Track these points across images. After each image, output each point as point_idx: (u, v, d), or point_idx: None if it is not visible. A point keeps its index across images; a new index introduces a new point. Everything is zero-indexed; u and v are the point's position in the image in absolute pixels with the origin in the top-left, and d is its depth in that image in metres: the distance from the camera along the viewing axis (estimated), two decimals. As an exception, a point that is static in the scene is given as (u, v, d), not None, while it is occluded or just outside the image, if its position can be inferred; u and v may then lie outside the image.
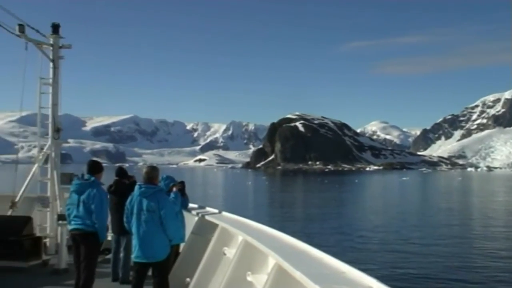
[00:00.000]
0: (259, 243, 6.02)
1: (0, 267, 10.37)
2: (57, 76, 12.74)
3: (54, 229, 12.01)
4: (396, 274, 20.51)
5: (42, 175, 12.71)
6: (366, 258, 23.77)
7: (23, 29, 11.82)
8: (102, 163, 8.62)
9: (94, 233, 7.70)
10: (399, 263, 23.28)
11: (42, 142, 12.85)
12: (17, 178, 12.18)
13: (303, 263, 4.77)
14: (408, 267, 22.27)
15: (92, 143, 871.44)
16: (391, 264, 22.80)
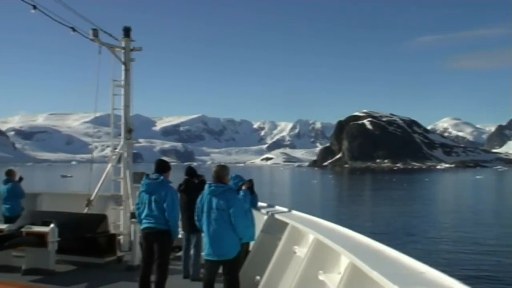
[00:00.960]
0: (332, 242, 5.94)
1: (78, 262, 10.81)
2: (128, 78, 13.08)
3: (127, 227, 12.35)
4: (470, 277, 19.81)
5: (115, 174, 13.08)
6: (438, 259, 23.09)
7: (96, 34, 12.22)
8: (169, 162, 8.78)
9: (166, 231, 7.84)
10: (472, 265, 22.49)
11: (115, 142, 13.22)
12: (92, 177, 12.64)
13: (379, 263, 4.65)
14: (483, 270, 21.46)
15: (161, 143, 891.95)
16: (464, 266, 22.05)
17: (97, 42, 12.31)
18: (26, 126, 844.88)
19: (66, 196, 15.33)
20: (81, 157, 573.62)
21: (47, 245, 10.03)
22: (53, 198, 14.52)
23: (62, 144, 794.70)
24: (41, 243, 10.05)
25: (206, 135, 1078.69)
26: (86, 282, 9.37)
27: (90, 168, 12.99)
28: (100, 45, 12.39)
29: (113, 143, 13.22)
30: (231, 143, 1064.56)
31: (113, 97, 13.10)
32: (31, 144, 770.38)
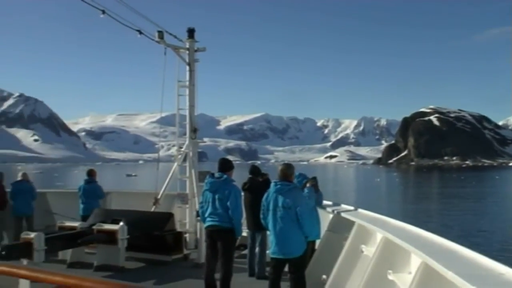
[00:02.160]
0: (401, 241, 5.81)
1: (147, 259, 11.07)
2: (193, 79, 13.27)
3: (193, 225, 12.55)
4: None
5: (181, 173, 13.31)
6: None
7: (162, 36, 12.48)
8: (232, 161, 8.84)
9: (231, 229, 7.89)
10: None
11: (181, 142, 13.45)
12: (158, 176, 12.91)
13: (454, 263, 4.49)
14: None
15: (226, 142, 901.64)
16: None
17: (162, 44, 12.56)
18: (96, 126, 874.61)
19: (134, 195, 15.72)
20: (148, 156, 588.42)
21: (117, 243, 10.32)
22: (122, 196, 14.93)
23: (129, 144, 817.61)
24: (112, 241, 10.35)
25: (270, 133, 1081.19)
26: (154, 279, 9.58)
27: (157, 167, 13.25)
28: (165, 47, 12.64)
29: (178, 143, 13.45)
30: (294, 141, 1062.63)
31: (178, 98, 13.33)
32: (101, 144, 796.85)
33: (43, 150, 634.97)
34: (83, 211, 13.05)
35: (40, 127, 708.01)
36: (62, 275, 3.00)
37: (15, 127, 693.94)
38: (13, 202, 13.23)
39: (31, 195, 13.38)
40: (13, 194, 13.24)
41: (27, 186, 13.47)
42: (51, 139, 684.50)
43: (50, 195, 14.78)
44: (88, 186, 13.32)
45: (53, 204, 14.25)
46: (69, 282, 2.94)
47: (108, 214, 11.68)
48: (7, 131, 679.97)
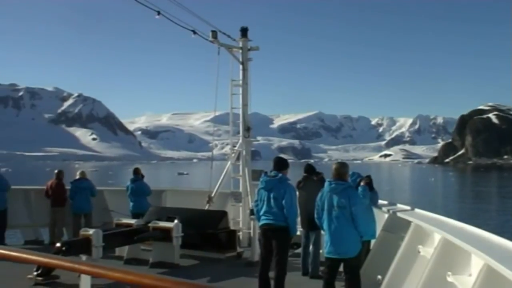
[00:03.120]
0: (461, 242, 5.63)
1: (201, 257, 11.19)
2: (246, 78, 13.31)
3: (246, 223, 12.60)
4: None
5: (235, 172, 13.39)
6: None
7: (215, 35, 12.58)
8: (287, 160, 8.81)
9: (285, 228, 7.85)
10: None
11: (234, 140, 13.53)
12: (212, 175, 13.02)
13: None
14: None
15: (279, 140, 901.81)
16: None
17: (216, 44, 12.65)
18: (151, 125, 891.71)
19: (188, 193, 15.90)
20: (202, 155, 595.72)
21: (172, 240, 10.48)
22: (176, 194, 15.14)
23: (184, 143, 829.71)
24: (167, 238, 10.52)
25: (323, 132, 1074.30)
26: (208, 276, 9.66)
27: (211, 165, 13.36)
28: (219, 46, 12.73)
29: (232, 141, 13.53)
30: (348, 140, 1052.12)
31: (232, 97, 13.41)
32: (156, 142, 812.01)
33: (100, 149, 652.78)
34: (132, 208, 13.33)
35: (98, 126, 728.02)
36: (122, 271, 3.05)
37: (74, 126, 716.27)
38: (72, 200, 13.64)
39: (90, 192, 13.76)
40: (73, 191, 13.64)
41: (86, 184, 13.85)
42: (108, 138, 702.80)
43: (107, 192, 15.14)
44: (134, 184, 13.57)
45: (110, 202, 14.59)
46: (128, 279, 2.99)
47: (163, 212, 11.86)
48: (67, 130, 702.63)
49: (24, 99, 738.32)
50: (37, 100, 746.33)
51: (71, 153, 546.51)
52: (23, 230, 14.46)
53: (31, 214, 14.29)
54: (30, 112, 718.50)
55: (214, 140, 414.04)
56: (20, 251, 3.79)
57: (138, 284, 2.95)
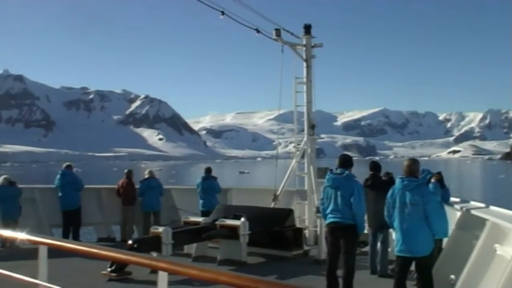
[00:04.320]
0: None
1: (267, 255, 11.23)
2: (310, 75, 13.26)
3: (312, 221, 12.55)
4: None
5: (299, 170, 13.36)
6: None
7: (279, 33, 12.60)
8: (352, 157, 8.69)
9: (353, 226, 7.76)
10: None
11: (298, 139, 13.50)
12: (277, 173, 13.04)
13: None
14: None
15: (343, 138, 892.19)
16: None
17: (279, 42, 12.66)
18: (216, 125, 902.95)
19: (253, 191, 16.00)
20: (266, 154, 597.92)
21: (239, 238, 10.58)
22: (241, 193, 15.26)
23: (248, 142, 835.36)
24: (234, 236, 10.62)
25: (388, 128, 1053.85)
26: (275, 274, 9.68)
27: (275, 164, 13.39)
28: (283, 44, 12.73)
29: (296, 139, 13.51)
30: (414, 136, 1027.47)
31: (296, 94, 13.39)
32: (220, 142, 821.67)
33: (167, 149, 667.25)
34: (202, 206, 13.54)
35: (164, 126, 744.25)
36: (198, 269, 3.10)
37: (141, 127, 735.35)
38: (142, 198, 14.01)
39: (159, 191, 14.10)
40: (142, 190, 14.01)
41: (156, 182, 14.20)
42: (174, 138, 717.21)
43: (175, 191, 15.45)
44: (205, 182, 13.79)
45: (177, 200, 14.88)
46: (205, 276, 3.03)
47: (230, 210, 11.99)
48: (135, 131, 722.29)
49: (94, 102, 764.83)
50: (106, 102, 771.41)
51: (138, 153, 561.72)
52: (96, 227, 14.99)
53: (103, 212, 14.78)
54: (100, 114, 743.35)
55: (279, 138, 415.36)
56: (101, 248, 3.94)
57: (214, 282, 2.99)
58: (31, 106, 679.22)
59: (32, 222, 13.59)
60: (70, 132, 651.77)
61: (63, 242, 4.67)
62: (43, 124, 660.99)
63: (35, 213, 13.99)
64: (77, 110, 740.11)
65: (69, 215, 13.62)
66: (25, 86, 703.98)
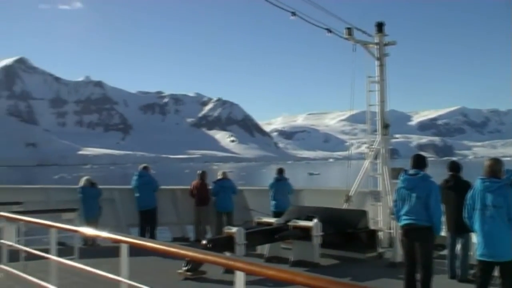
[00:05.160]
0: None
1: (341, 257, 11.11)
2: (383, 74, 13.01)
3: (386, 223, 12.30)
4: None
5: (373, 170, 13.14)
6: None
7: (350, 32, 12.45)
8: (426, 158, 8.42)
9: (429, 228, 7.52)
10: None
11: (371, 139, 13.28)
12: (350, 174, 12.88)
13: None
14: None
15: (418, 138, 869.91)
16: None
17: (351, 41, 12.52)
18: (287, 126, 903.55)
19: (325, 192, 15.88)
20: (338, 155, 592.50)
21: (311, 239, 10.52)
22: (313, 193, 15.18)
23: (320, 143, 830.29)
24: (306, 237, 10.58)
25: (467, 127, 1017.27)
26: (349, 277, 9.54)
27: (348, 164, 13.25)
28: (354, 43, 12.59)
29: (369, 140, 13.30)
30: (495, 136, 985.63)
31: (369, 94, 13.18)
32: (292, 143, 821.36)
33: (238, 150, 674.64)
34: (274, 207, 13.57)
35: (236, 128, 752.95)
36: (275, 269, 3.10)
37: (214, 129, 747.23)
38: (215, 199, 14.23)
39: (232, 192, 14.27)
40: (216, 191, 14.23)
41: (229, 183, 14.39)
42: (246, 139, 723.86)
43: (247, 192, 15.57)
44: (277, 183, 13.82)
45: (250, 201, 15.00)
46: (281, 277, 3.03)
47: (302, 211, 11.95)
48: (207, 133, 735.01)
49: (169, 105, 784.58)
50: (180, 105, 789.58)
51: (211, 155, 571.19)
52: (171, 227, 15.36)
53: (178, 212, 15.13)
54: (174, 117, 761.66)
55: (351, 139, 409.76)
56: (179, 247, 4.03)
57: (290, 283, 2.98)
58: (110, 111, 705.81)
59: (111, 221, 14.12)
60: (146, 135, 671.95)
61: (143, 241, 4.81)
62: (121, 128, 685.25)
63: (114, 213, 14.52)
64: (152, 113, 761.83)
65: (146, 215, 14.04)
66: (104, 91, 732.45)
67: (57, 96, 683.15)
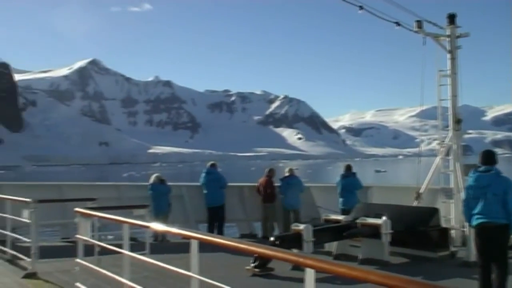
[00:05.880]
0: None
1: (411, 255, 10.84)
2: (455, 67, 12.64)
3: (459, 221, 11.93)
4: None
5: (444, 167, 12.78)
6: None
7: (421, 25, 12.16)
8: (500, 154, 8.06)
9: (505, 226, 7.23)
10: None
11: (442, 135, 12.92)
12: (420, 171, 12.57)
13: None
14: None
15: (493, 133, 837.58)
16: None
17: (421, 34, 12.24)
18: (355, 123, 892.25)
19: (394, 189, 15.59)
20: (407, 151, 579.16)
21: (381, 237, 10.33)
22: (382, 191, 14.92)
23: (388, 139, 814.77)
24: (375, 235, 10.40)
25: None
26: (421, 275, 9.29)
27: (418, 161, 12.95)
28: (424, 36, 12.30)
29: (440, 136, 12.95)
30: None
31: (439, 88, 12.83)
32: (360, 140, 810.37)
33: (305, 148, 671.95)
34: (342, 204, 13.41)
35: (303, 126, 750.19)
36: (347, 267, 3.05)
37: (281, 127, 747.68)
38: (282, 196, 14.23)
39: (299, 189, 14.23)
40: (283, 188, 14.22)
41: (296, 180, 14.36)
42: (313, 137, 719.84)
43: (314, 189, 15.49)
44: (344, 180, 13.64)
45: (317, 198, 14.91)
46: (353, 275, 2.97)
47: (371, 208, 11.77)
48: (274, 130, 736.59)
49: (236, 104, 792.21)
50: (247, 103, 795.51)
51: (278, 153, 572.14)
52: (239, 224, 15.50)
53: (245, 209, 15.24)
54: (241, 115, 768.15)
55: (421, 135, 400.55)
56: (249, 244, 4.05)
57: (362, 281, 2.92)
58: (178, 110, 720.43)
59: (180, 217, 14.41)
60: (214, 133, 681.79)
61: (213, 237, 4.86)
62: (189, 126, 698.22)
63: (183, 209, 14.81)
64: (220, 112, 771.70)
65: (214, 211, 14.22)
66: (173, 91, 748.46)
67: (128, 96, 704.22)
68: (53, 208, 12.74)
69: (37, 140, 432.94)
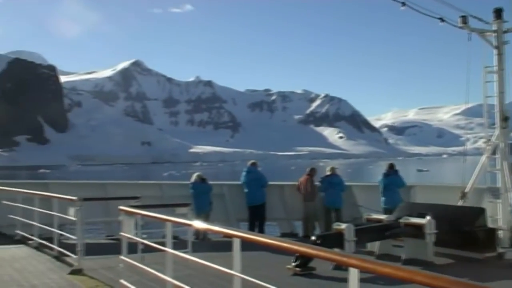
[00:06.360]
0: None
1: (456, 256, 10.61)
2: (502, 63, 12.34)
3: (506, 221, 11.63)
4: None
5: (491, 166, 12.49)
6: None
7: (465, 20, 11.91)
8: None
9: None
10: None
11: (489, 133, 12.63)
12: (465, 170, 12.31)
13: None
14: None
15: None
16: None
17: (466, 29, 11.99)
18: (397, 122, 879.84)
19: (438, 188, 15.32)
20: (452, 150, 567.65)
21: (424, 237, 10.14)
22: (426, 190, 14.65)
23: (432, 138, 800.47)
24: (419, 235, 10.22)
25: None
26: (467, 277, 9.07)
27: (463, 160, 12.69)
28: (470, 32, 12.04)
29: (486, 134, 12.66)
30: None
31: (486, 85, 12.54)
32: (403, 139, 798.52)
33: (347, 147, 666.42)
34: (384, 203, 13.25)
35: (344, 124, 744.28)
36: (392, 267, 3.00)
37: (322, 126, 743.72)
38: (324, 195, 14.14)
39: (341, 188, 14.12)
40: (324, 187, 14.14)
41: (337, 179, 14.26)
42: (354, 135, 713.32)
43: (356, 188, 15.34)
44: (386, 179, 13.45)
45: (359, 197, 14.76)
46: (399, 275, 2.92)
47: (414, 208, 11.58)
48: (315, 129, 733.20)
49: (276, 103, 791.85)
50: (287, 102, 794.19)
51: (319, 152, 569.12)
52: (280, 223, 15.47)
53: (286, 208, 15.21)
54: (282, 114, 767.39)
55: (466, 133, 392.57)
56: (291, 243, 4.04)
57: (408, 282, 2.86)
58: (219, 109, 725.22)
59: (221, 216, 14.49)
60: (254, 132, 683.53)
61: (255, 235, 4.86)
62: (230, 126, 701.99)
63: (224, 208, 14.89)
64: (260, 111, 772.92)
65: (255, 210, 14.25)
66: (213, 91, 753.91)
67: (170, 96, 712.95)
68: (98, 206, 13.00)
69: (81, 140, 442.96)
